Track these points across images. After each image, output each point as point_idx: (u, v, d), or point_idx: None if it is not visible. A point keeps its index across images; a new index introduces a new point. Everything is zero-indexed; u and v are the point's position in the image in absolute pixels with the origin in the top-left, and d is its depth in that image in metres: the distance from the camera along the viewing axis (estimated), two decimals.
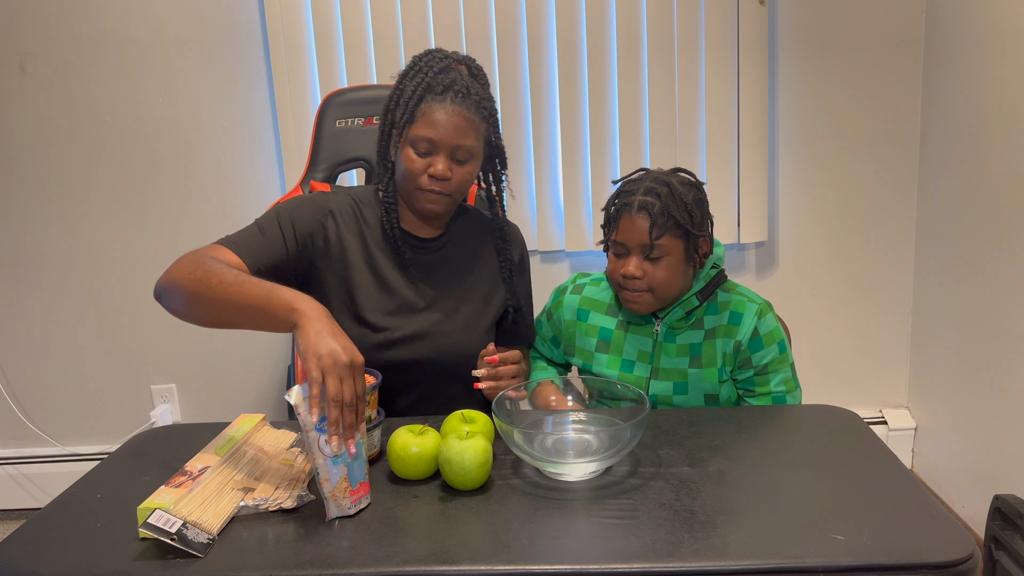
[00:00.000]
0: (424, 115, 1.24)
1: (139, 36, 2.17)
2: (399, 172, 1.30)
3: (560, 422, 1.20)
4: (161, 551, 0.90)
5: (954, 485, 2.13)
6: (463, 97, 1.25)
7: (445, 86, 1.25)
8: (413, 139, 1.25)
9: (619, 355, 1.39)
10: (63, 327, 2.36)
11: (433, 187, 1.26)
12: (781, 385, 1.36)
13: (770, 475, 1.03)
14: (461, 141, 1.25)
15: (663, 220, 1.26)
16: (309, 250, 1.30)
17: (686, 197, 1.29)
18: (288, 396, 0.94)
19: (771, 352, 1.35)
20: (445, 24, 2.11)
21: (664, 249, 1.28)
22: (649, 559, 0.85)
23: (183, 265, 1.16)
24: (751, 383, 1.37)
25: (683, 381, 1.36)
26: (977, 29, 1.91)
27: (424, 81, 1.25)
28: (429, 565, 0.85)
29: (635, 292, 1.31)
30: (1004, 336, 1.84)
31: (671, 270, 1.29)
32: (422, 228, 1.37)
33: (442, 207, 1.30)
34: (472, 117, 1.26)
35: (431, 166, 1.25)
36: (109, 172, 2.26)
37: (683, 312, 1.34)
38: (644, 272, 1.29)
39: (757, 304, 1.35)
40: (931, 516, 0.91)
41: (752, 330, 1.33)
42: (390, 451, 1.05)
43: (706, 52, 2.12)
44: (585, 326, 1.42)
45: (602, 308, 1.42)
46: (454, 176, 1.27)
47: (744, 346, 1.34)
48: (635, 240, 1.28)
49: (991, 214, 1.87)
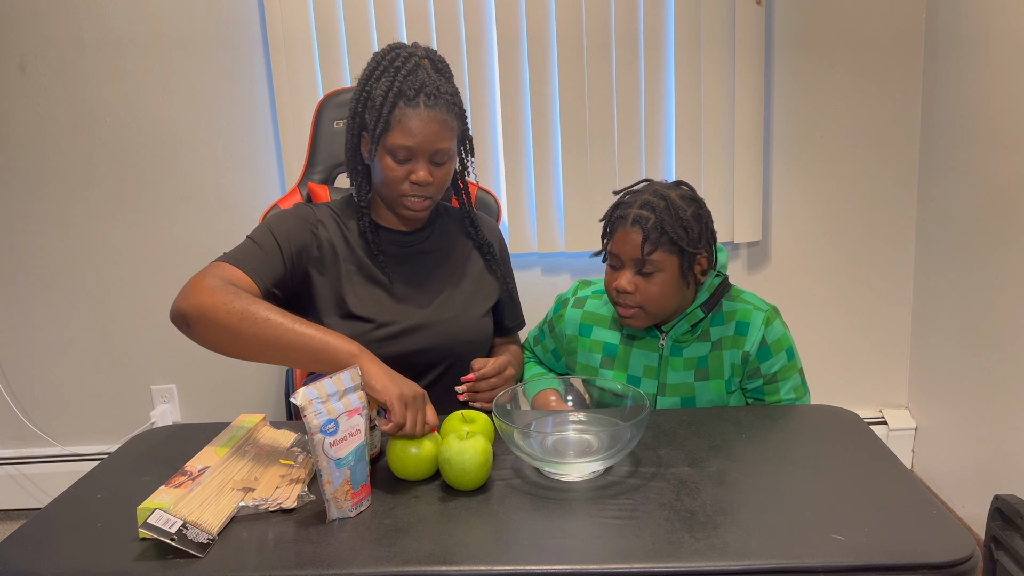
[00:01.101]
0: (400, 123, 1.24)
1: (139, 36, 2.17)
2: (378, 178, 1.32)
3: (560, 422, 1.20)
4: (161, 551, 0.90)
5: (954, 485, 2.13)
6: (435, 99, 1.25)
7: (416, 89, 1.24)
8: (391, 148, 1.26)
9: (624, 371, 1.37)
10: (63, 327, 2.36)
11: (416, 192, 1.29)
12: (791, 392, 1.35)
13: (770, 475, 1.03)
14: (439, 145, 1.27)
15: (656, 235, 1.23)
16: (304, 262, 1.32)
17: (684, 212, 1.24)
18: (294, 398, 0.94)
19: (780, 360, 1.33)
20: (445, 24, 2.11)
21: (657, 265, 1.24)
22: (649, 559, 0.85)
23: (208, 292, 1.13)
24: (760, 392, 1.35)
25: (691, 396, 1.34)
26: (977, 29, 1.91)
27: (394, 86, 1.25)
28: (429, 565, 0.85)
29: (627, 308, 1.28)
30: (1004, 336, 1.84)
31: (664, 286, 1.25)
32: (402, 223, 1.40)
33: (425, 212, 1.33)
34: (446, 118, 1.27)
35: (412, 173, 1.27)
36: (109, 172, 2.26)
37: (688, 325, 1.32)
38: (636, 287, 1.25)
39: (763, 311, 1.32)
40: (931, 516, 0.91)
41: (760, 339, 1.31)
42: (390, 451, 1.05)
43: (703, 52, 2.12)
44: (588, 341, 1.39)
45: (605, 323, 1.39)
46: (435, 179, 1.29)
47: (752, 356, 1.31)
48: (628, 254, 1.25)
49: (991, 214, 1.87)
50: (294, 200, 1.62)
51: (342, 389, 0.98)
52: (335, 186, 1.68)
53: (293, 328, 1.10)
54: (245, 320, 1.10)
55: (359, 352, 1.09)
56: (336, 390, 0.98)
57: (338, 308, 1.32)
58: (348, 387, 0.99)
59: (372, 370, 1.08)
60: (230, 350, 1.14)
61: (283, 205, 1.61)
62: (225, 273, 1.20)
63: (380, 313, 1.32)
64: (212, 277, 1.17)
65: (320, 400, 0.95)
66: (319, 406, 0.95)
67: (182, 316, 1.15)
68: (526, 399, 1.28)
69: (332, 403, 0.96)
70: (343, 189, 1.63)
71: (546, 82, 2.15)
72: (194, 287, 1.16)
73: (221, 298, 1.12)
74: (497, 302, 1.48)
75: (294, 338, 1.09)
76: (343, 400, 0.98)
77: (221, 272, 1.20)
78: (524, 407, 1.24)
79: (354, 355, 1.09)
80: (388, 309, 1.34)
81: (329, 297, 1.32)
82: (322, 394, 0.96)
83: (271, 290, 1.25)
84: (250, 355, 1.13)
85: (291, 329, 1.10)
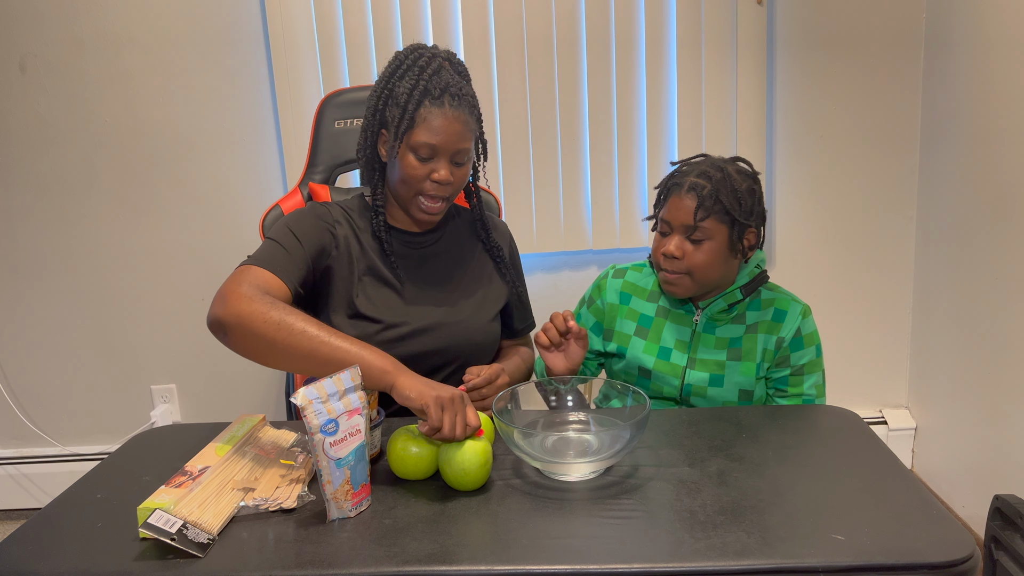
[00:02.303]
0: (425, 121, 1.25)
1: (139, 36, 2.17)
2: (396, 176, 1.31)
3: (560, 422, 1.20)
4: (161, 551, 0.90)
5: (954, 485, 2.13)
6: (459, 100, 1.27)
7: (441, 89, 1.25)
8: (414, 146, 1.26)
9: (657, 342, 1.39)
10: (63, 327, 2.37)
11: (436, 192, 1.29)
12: (812, 388, 1.38)
13: (770, 475, 1.03)
14: (461, 145, 1.28)
15: (710, 203, 1.27)
16: (323, 261, 1.32)
17: (739, 184, 1.29)
18: (294, 398, 0.94)
19: (809, 354, 1.36)
20: (446, 25, 2.11)
21: (707, 232, 1.28)
22: (649, 559, 0.85)
23: (245, 301, 1.12)
24: (784, 383, 1.38)
25: (720, 373, 1.36)
26: (977, 29, 1.91)
27: (420, 84, 1.25)
28: (429, 565, 0.85)
29: (673, 273, 1.32)
30: (1004, 336, 1.84)
31: (711, 254, 1.29)
32: (414, 224, 1.40)
33: (439, 214, 1.33)
34: (468, 119, 1.28)
35: (433, 172, 1.28)
36: (109, 172, 2.26)
37: (725, 304, 1.35)
38: (684, 253, 1.29)
39: (801, 305, 1.37)
40: (931, 516, 0.91)
41: (796, 329, 1.35)
42: (390, 451, 1.05)
43: (705, 51, 2.12)
44: (626, 309, 1.43)
45: (644, 294, 1.43)
46: (455, 179, 1.30)
47: (786, 343, 1.35)
48: (679, 220, 1.29)
49: (991, 214, 1.87)
50: (295, 200, 1.62)
51: (342, 389, 0.98)
52: (336, 186, 1.67)
53: (329, 341, 1.09)
54: (282, 331, 1.10)
55: (393, 369, 1.08)
56: (336, 390, 0.98)
57: (348, 308, 1.32)
58: (348, 387, 0.99)
59: (406, 383, 1.06)
60: (266, 359, 1.13)
61: (284, 205, 1.61)
62: (257, 278, 1.18)
63: (390, 314, 1.32)
64: (247, 284, 1.15)
65: (320, 400, 0.95)
66: (319, 406, 0.95)
67: (220, 324, 1.13)
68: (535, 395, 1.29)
69: (332, 403, 0.96)
70: (344, 189, 1.63)
71: (546, 82, 2.15)
72: (231, 295, 1.13)
73: (259, 307, 1.11)
74: (506, 305, 1.48)
75: (329, 352, 1.09)
76: (343, 400, 0.98)
77: (253, 278, 1.18)
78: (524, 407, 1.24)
79: (387, 372, 1.08)
80: (398, 310, 1.33)
81: (341, 296, 1.32)
82: (322, 394, 0.96)
83: (298, 290, 1.25)
84: (285, 365, 1.13)
85: (327, 342, 1.09)
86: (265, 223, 1.60)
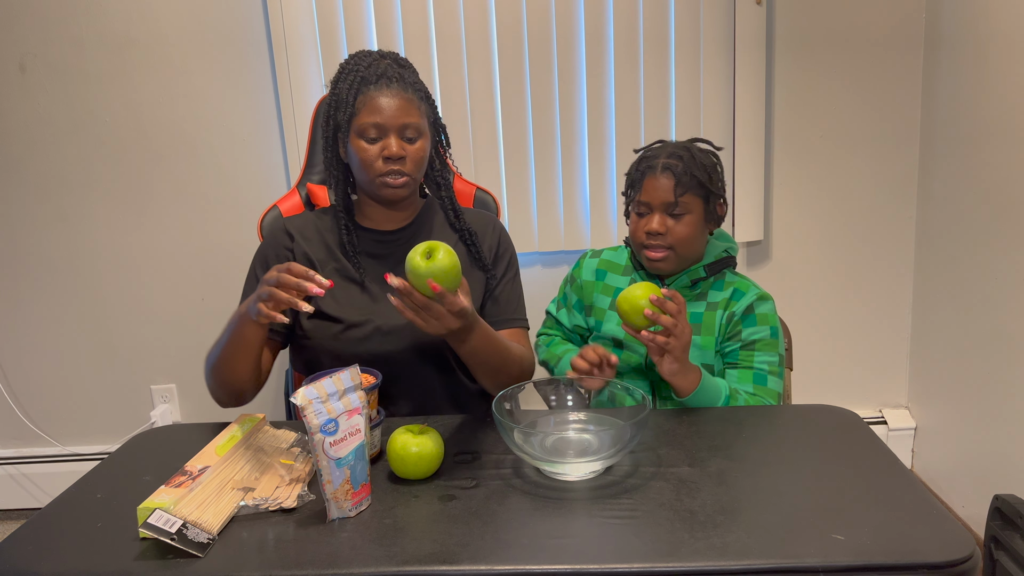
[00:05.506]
0: (365, 104, 1.29)
1: (139, 36, 2.17)
2: (356, 166, 1.34)
3: (560, 422, 1.20)
4: (161, 551, 0.90)
5: (954, 485, 2.13)
6: (397, 81, 1.31)
7: (378, 75, 1.30)
8: (360, 129, 1.30)
9: None
10: (63, 327, 2.36)
11: (391, 168, 1.31)
12: (764, 364, 1.38)
13: (770, 475, 1.03)
14: (407, 119, 1.30)
15: (687, 179, 1.35)
16: None
17: (705, 160, 1.39)
18: (294, 398, 0.95)
19: (761, 332, 1.39)
20: (446, 25, 2.11)
21: (686, 207, 1.36)
22: (649, 559, 0.85)
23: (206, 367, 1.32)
24: (735, 356, 1.40)
25: None
26: (977, 29, 1.91)
27: (356, 77, 1.31)
28: (429, 565, 0.85)
29: (658, 250, 1.38)
30: (1004, 336, 1.84)
31: (692, 227, 1.37)
32: (388, 222, 1.40)
33: (405, 188, 1.34)
34: (410, 97, 1.31)
35: (384, 148, 1.30)
36: (109, 172, 2.26)
37: (688, 281, 1.41)
38: (667, 228, 1.37)
39: (761, 291, 1.42)
40: (931, 516, 0.91)
41: (747, 306, 1.39)
42: (390, 451, 1.05)
43: (703, 51, 2.12)
44: (601, 285, 1.50)
45: (618, 269, 1.50)
46: (408, 154, 1.31)
47: (737, 317, 1.39)
48: (659, 198, 1.36)
49: (991, 214, 1.87)
50: (293, 201, 1.62)
51: (342, 389, 0.98)
52: None
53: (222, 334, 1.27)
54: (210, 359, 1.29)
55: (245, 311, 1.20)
56: (336, 390, 0.98)
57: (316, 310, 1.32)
58: (348, 387, 0.99)
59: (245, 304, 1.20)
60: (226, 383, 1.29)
61: (282, 206, 1.61)
62: None
63: (352, 313, 1.33)
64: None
65: (320, 400, 0.95)
66: (319, 406, 0.95)
67: (220, 400, 1.33)
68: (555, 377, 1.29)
69: (332, 403, 0.96)
70: None
71: (546, 82, 2.15)
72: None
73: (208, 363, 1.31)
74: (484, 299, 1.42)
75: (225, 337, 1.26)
76: (343, 400, 0.98)
77: None
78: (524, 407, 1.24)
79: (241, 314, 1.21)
80: (362, 308, 1.34)
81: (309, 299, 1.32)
82: (322, 394, 0.96)
83: (286, 325, 1.35)
84: (234, 372, 1.27)
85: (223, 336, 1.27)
86: (263, 224, 1.60)
